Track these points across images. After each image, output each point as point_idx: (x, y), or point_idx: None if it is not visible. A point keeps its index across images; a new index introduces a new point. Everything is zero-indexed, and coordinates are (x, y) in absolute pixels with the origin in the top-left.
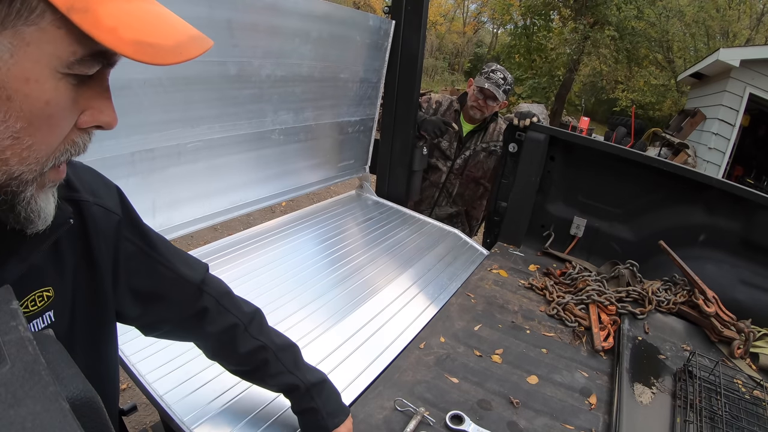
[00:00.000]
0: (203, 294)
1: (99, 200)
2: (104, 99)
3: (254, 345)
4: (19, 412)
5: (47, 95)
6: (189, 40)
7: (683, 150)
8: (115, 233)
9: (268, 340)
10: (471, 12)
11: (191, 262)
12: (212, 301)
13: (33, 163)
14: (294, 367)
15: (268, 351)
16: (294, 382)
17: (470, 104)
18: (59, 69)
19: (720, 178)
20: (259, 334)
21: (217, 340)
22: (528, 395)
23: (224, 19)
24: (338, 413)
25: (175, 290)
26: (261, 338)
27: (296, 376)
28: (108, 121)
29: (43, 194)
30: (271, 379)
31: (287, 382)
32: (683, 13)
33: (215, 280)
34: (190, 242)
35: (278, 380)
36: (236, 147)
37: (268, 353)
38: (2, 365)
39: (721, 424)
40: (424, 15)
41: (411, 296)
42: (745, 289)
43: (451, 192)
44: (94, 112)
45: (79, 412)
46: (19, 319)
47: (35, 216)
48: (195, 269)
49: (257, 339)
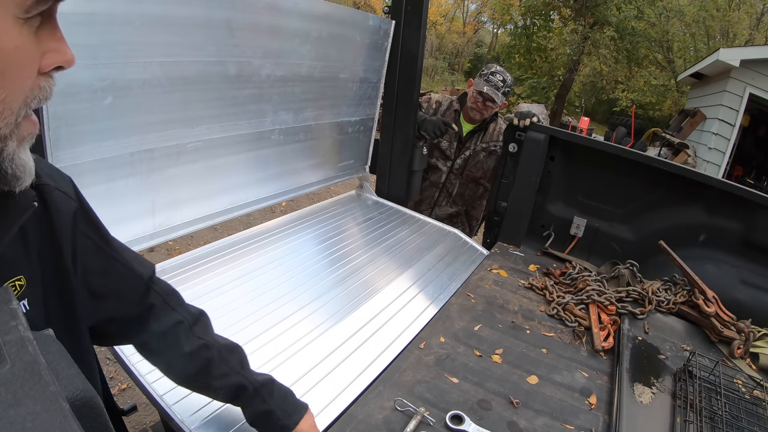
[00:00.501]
0: (150, 291)
1: (58, 185)
2: (59, 40)
3: (198, 344)
4: (19, 412)
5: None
6: None
7: (683, 150)
8: (72, 222)
9: (212, 339)
10: (471, 12)
11: (140, 258)
12: (159, 298)
13: (8, 116)
14: (240, 368)
15: (212, 350)
16: (241, 383)
17: (469, 105)
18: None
19: (720, 178)
20: (203, 334)
21: (162, 338)
22: (528, 395)
23: (224, 19)
24: (295, 410)
25: (125, 286)
26: (205, 338)
27: (243, 376)
28: (68, 59)
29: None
30: (217, 381)
31: (234, 383)
32: (683, 13)
33: (162, 280)
34: (190, 242)
35: (224, 382)
36: (236, 147)
37: (212, 352)
38: (2, 365)
39: (721, 424)
40: (424, 15)
41: (411, 296)
42: (745, 289)
43: (451, 192)
44: (52, 53)
45: (79, 412)
46: (19, 318)
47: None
48: (144, 265)
49: (201, 338)
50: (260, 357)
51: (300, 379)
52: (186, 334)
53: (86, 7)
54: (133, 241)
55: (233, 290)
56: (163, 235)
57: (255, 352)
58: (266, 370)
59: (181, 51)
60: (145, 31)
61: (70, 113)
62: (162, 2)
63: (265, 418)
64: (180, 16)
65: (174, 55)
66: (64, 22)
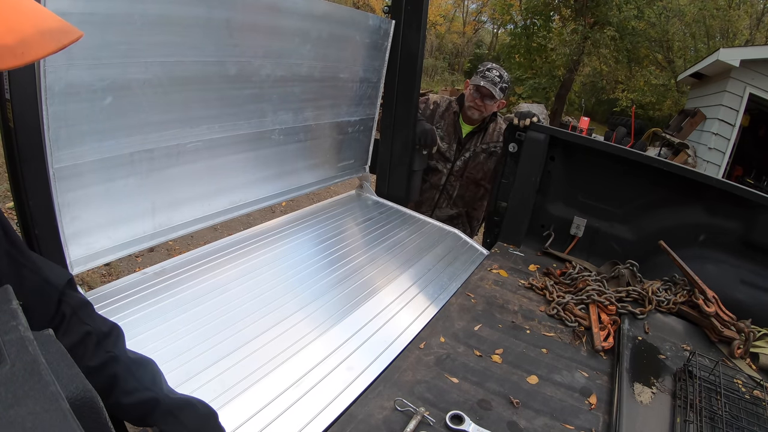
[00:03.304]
0: (62, 302)
1: None
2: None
3: (105, 357)
4: (19, 412)
5: None
6: (38, 36)
7: (683, 150)
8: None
9: (121, 353)
10: (471, 12)
11: (54, 269)
12: (69, 309)
13: None
14: (151, 383)
15: (119, 363)
16: (152, 398)
17: (467, 104)
18: None
19: (720, 178)
20: (112, 347)
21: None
22: (528, 395)
23: (224, 19)
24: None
25: (36, 296)
26: (114, 351)
27: (153, 392)
28: None
29: None
30: (127, 397)
31: (144, 398)
32: (683, 13)
33: (76, 292)
34: (190, 242)
35: (134, 398)
36: (236, 147)
37: (119, 366)
38: (2, 365)
39: (721, 424)
40: (424, 15)
41: (411, 296)
42: (745, 289)
43: (452, 194)
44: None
45: (79, 412)
46: (19, 319)
47: None
48: (58, 275)
49: (109, 351)
50: (260, 357)
51: (300, 379)
52: (94, 347)
53: (86, 7)
54: (133, 241)
55: (233, 290)
56: (163, 235)
57: (255, 353)
58: (267, 370)
59: (181, 51)
60: (145, 31)
61: (70, 113)
62: (162, 2)
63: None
64: (180, 16)
65: (174, 55)
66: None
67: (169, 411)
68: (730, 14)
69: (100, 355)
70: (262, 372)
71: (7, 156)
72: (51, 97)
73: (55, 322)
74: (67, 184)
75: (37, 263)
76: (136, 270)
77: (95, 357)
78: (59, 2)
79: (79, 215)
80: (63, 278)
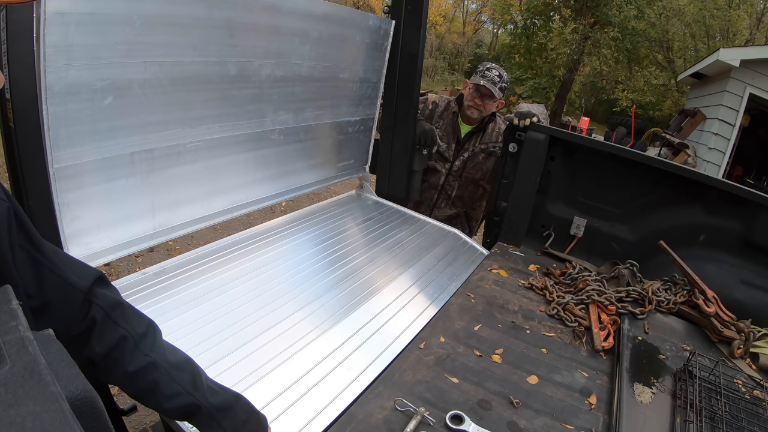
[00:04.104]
0: (91, 305)
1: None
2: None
3: (144, 362)
4: (19, 412)
5: None
6: None
7: (683, 150)
8: (7, 223)
9: (159, 356)
10: (471, 12)
11: (78, 267)
12: (100, 313)
13: None
14: (192, 388)
15: (158, 369)
16: (193, 403)
17: (467, 104)
18: None
19: (720, 178)
20: (150, 350)
21: (105, 357)
22: (528, 395)
23: (224, 19)
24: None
25: (58, 297)
26: (152, 355)
27: (194, 398)
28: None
29: None
30: (168, 401)
31: (185, 403)
32: (683, 13)
33: (106, 292)
34: (190, 242)
35: (175, 402)
36: (236, 147)
37: (159, 372)
38: (2, 365)
39: (721, 424)
40: (424, 15)
41: (411, 296)
42: (745, 289)
43: (450, 194)
44: None
45: (79, 412)
46: (19, 318)
47: None
48: (82, 276)
49: (148, 355)
50: (260, 357)
51: (300, 379)
52: (131, 351)
53: (86, 7)
54: (132, 241)
55: (233, 290)
56: (163, 235)
57: (255, 353)
58: (266, 369)
59: (181, 51)
60: (145, 31)
61: (70, 113)
62: (162, 2)
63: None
64: (180, 16)
65: (174, 55)
66: (65, 22)
67: (210, 415)
68: (730, 14)
69: (138, 359)
70: (262, 372)
71: (7, 156)
72: (51, 97)
73: (85, 325)
74: (67, 184)
75: (57, 263)
76: (136, 270)
77: (133, 362)
78: (59, 2)
79: (79, 215)
80: (89, 277)
